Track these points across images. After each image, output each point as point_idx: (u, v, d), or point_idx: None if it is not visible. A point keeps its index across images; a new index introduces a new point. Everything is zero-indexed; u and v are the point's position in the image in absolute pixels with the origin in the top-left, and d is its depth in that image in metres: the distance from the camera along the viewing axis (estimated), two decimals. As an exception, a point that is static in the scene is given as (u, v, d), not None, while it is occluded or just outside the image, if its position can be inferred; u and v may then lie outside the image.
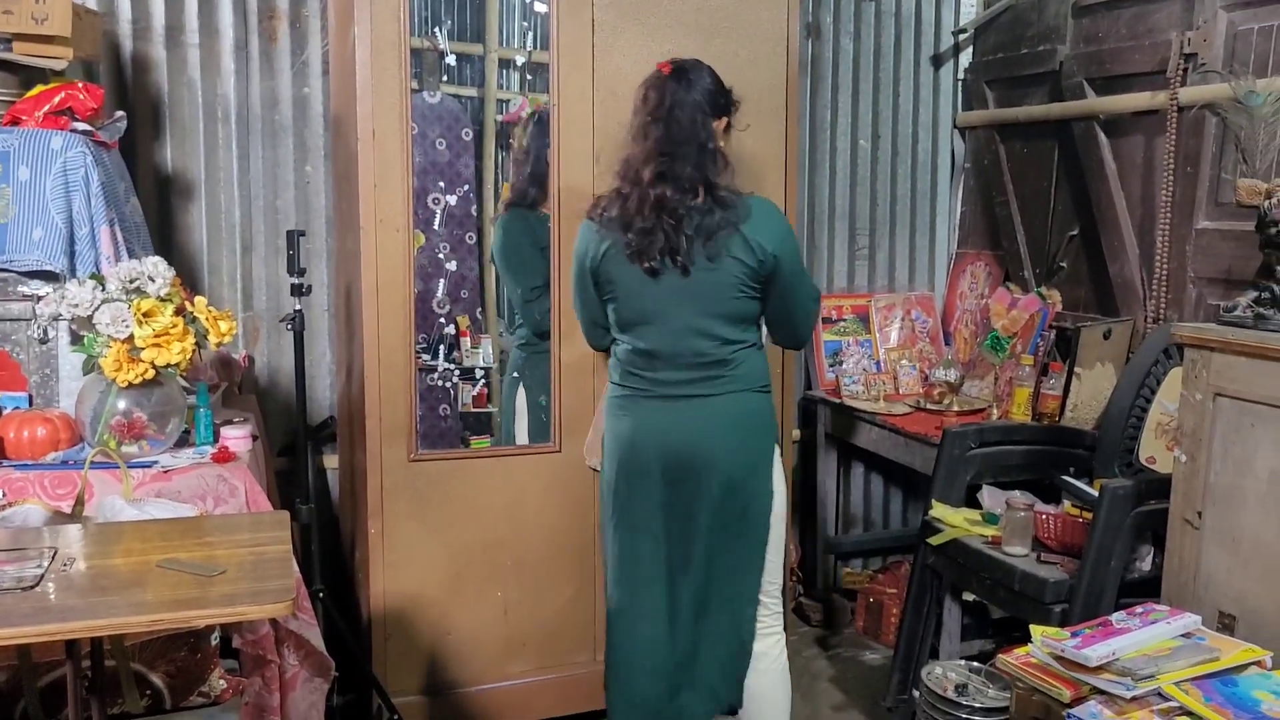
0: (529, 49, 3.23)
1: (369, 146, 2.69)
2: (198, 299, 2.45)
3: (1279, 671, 1.98)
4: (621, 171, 2.39)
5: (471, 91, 3.20)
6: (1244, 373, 2.22)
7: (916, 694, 2.80)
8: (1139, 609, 2.20)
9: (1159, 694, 1.92)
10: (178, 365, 2.35)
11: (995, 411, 3.43)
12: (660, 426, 2.42)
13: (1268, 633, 2.15)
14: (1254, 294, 2.36)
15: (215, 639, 2.22)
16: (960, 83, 4.15)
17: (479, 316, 3.22)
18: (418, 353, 3.02)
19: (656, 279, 2.34)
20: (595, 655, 3.10)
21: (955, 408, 3.49)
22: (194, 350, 2.39)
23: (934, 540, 2.94)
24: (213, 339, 2.42)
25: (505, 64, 3.24)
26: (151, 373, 2.32)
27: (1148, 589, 2.53)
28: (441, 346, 3.13)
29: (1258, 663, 2.01)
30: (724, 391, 2.40)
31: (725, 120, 2.42)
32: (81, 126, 2.57)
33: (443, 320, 3.15)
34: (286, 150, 3.31)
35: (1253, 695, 1.88)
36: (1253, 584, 2.21)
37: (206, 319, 2.41)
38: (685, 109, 2.32)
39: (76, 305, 2.29)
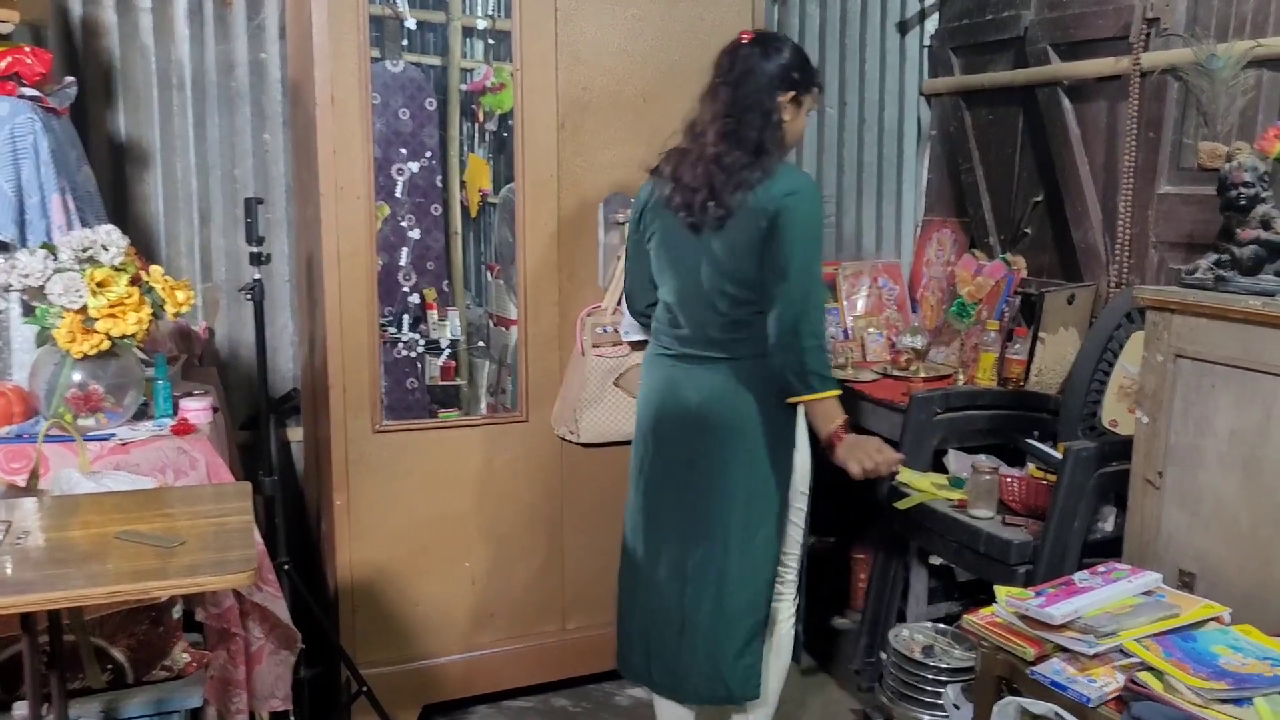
0: (492, 15, 3.18)
1: (328, 112, 2.65)
2: (153, 268, 2.40)
3: (1237, 626, 2.01)
4: (686, 130, 2.41)
5: (435, 60, 3.15)
6: (1204, 334, 2.23)
7: (884, 656, 2.82)
8: (1101, 568, 2.22)
9: (1120, 650, 1.95)
10: (134, 336, 2.31)
11: (961, 377, 3.44)
12: (675, 389, 2.44)
13: (1226, 589, 2.17)
14: (1214, 257, 2.38)
15: (178, 612, 2.19)
16: (926, 49, 4.14)
17: (446, 289, 3.18)
18: (383, 325, 2.98)
19: (693, 233, 2.36)
20: (564, 624, 3.11)
21: (922, 374, 3.50)
22: (150, 321, 2.35)
23: (901, 505, 2.95)
24: (170, 309, 2.38)
25: (469, 32, 3.20)
26: (107, 344, 2.28)
27: (1110, 549, 2.55)
28: (406, 317, 3.10)
29: (1216, 618, 2.04)
30: (733, 356, 2.38)
31: (793, 94, 2.36)
32: (29, 92, 2.51)
33: (408, 292, 3.11)
34: (244, 117, 3.25)
35: (1211, 650, 1.90)
36: (1212, 542, 2.23)
37: (163, 289, 2.37)
38: (756, 76, 2.32)
39: (28, 275, 2.24)
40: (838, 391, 2.35)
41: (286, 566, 2.65)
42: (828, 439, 2.36)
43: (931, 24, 4.11)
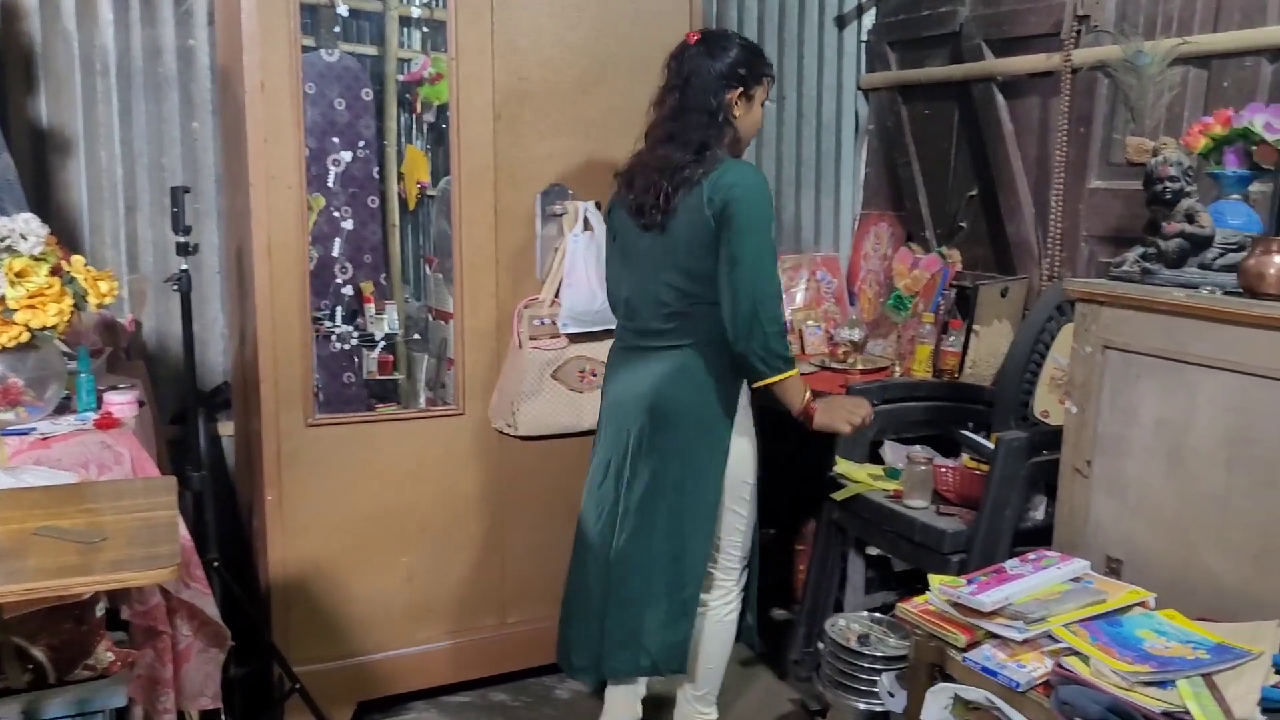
0: (428, 4, 3.14)
1: (257, 99, 2.60)
2: (75, 258, 2.33)
3: (1161, 611, 2.05)
4: (643, 136, 2.51)
5: (372, 50, 3.10)
6: (1130, 325, 2.27)
7: (821, 646, 2.84)
8: (1032, 556, 2.26)
9: (1049, 636, 1.98)
10: (55, 328, 2.24)
11: (898, 369, 3.48)
12: (624, 376, 2.55)
13: (1151, 575, 2.22)
14: (1141, 250, 2.42)
15: (101, 610, 2.13)
16: (864, 44, 4.17)
17: (383, 282, 3.14)
18: (318, 318, 2.94)
19: (645, 232, 2.45)
20: (503, 619, 3.09)
21: (859, 366, 3.53)
22: (72, 312, 2.28)
23: (838, 496, 2.97)
24: (92, 300, 2.32)
25: (406, 21, 3.15)
26: (26, 335, 2.21)
27: (1041, 537, 2.59)
28: (339, 309, 3.05)
29: (1142, 603, 2.08)
30: (674, 344, 2.46)
31: (739, 90, 2.42)
32: (-55, 77, 2.43)
33: (340, 284, 3.06)
34: (171, 104, 3.18)
35: (1136, 634, 1.94)
36: (1138, 529, 2.28)
37: (85, 279, 2.31)
38: (700, 77, 2.39)
39: (-58, 265, 2.17)
40: (797, 370, 2.43)
41: (216, 563, 2.60)
42: (802, 412, 2.46)
43: (869, 19, 4.14)
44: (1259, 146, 2.37)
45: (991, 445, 2.78)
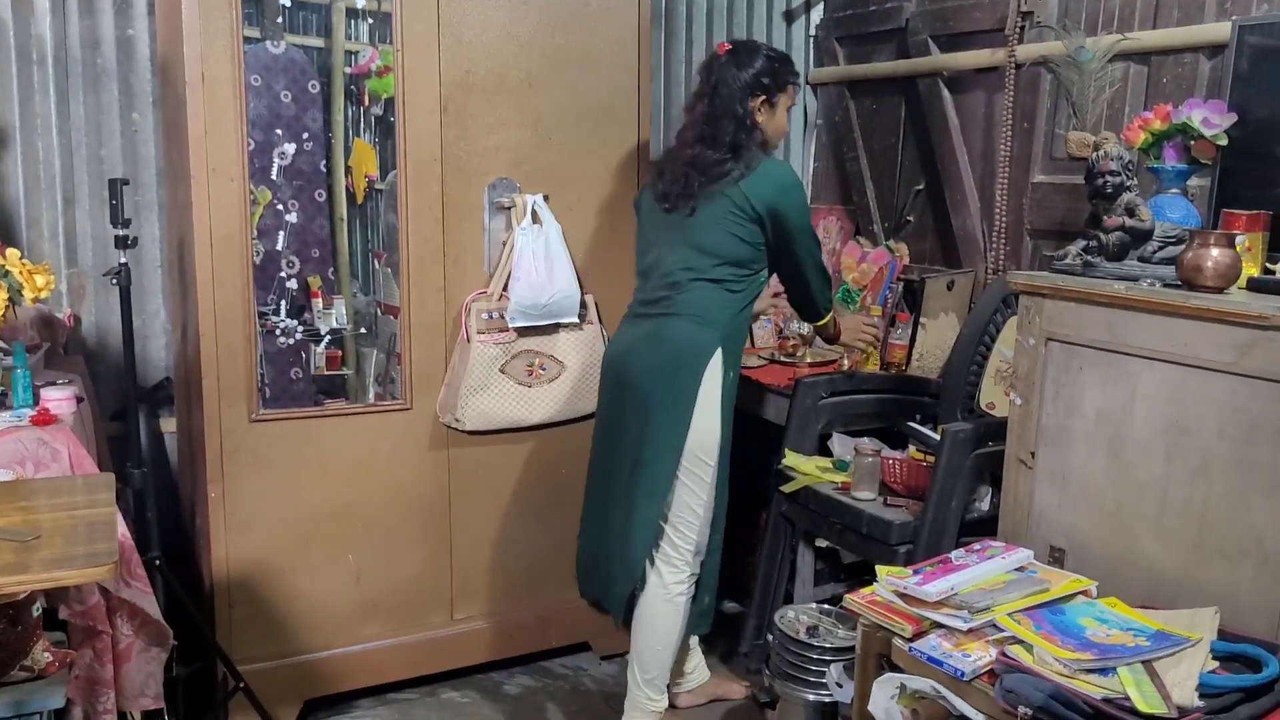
0: (374, -4, 3.11)
1: (198, 90, 2.55)
2: (10, 251, 2.29)
3: (1103, 599, 2.08)
4: (676, 136, 2.77)
5: (318, 42, 3.06)
6: (1073, 318, 2.30)
7: (770, 638, 2.85)
8: (977, 546, 2.28)
9: (994, 625, 1.99)
10: (-12, 322, 2.20)
11: (846, 362, 3.50)
12: (624, 341, 2.73)
13: (1093, 564, 2.25)
14: (1083, 243, 2.45)
15: (38, 610, 2.09)
16: (811, 39, 4.19)
17: (331, 277, 3.10)
18: (264, 314, 2.89)
19: (669, 214, 2.68)
20: (452, 615, 3.07)
21: (808, 359, 3.54)
22: (7, 307, 2.24)
23: (786, 488, 2.99)
24: (28, 294, 2.27)
25: (353, 13, 3.11)
26: (-42, 330, 2.16)
27: (986, 528, 2.62)
28: (284, 302, 3.00)
29: (1084, 592, 2.11)
30: (667, 313, 2.64)
31: (763, 98, 2.65)
32: (-127, 64, 2.37)
33: (286, 278, 3.02)
34: (110, 96, 3.11)
35: (1079, 622, 1.97)
36: (1080, 519, 2.31)
37: (21, 273, 2.26)
38: (727, 85, 2.63)
39: None
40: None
41: (158, 561, 2.56)
42: (832, 336, 3.01)
43: (817, 14, 4.16)
44: (1197, 141, 2.42)
45: (938, 437, 2.80)
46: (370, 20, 3.11)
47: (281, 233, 2.96)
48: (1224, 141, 2.39)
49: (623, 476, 2.65)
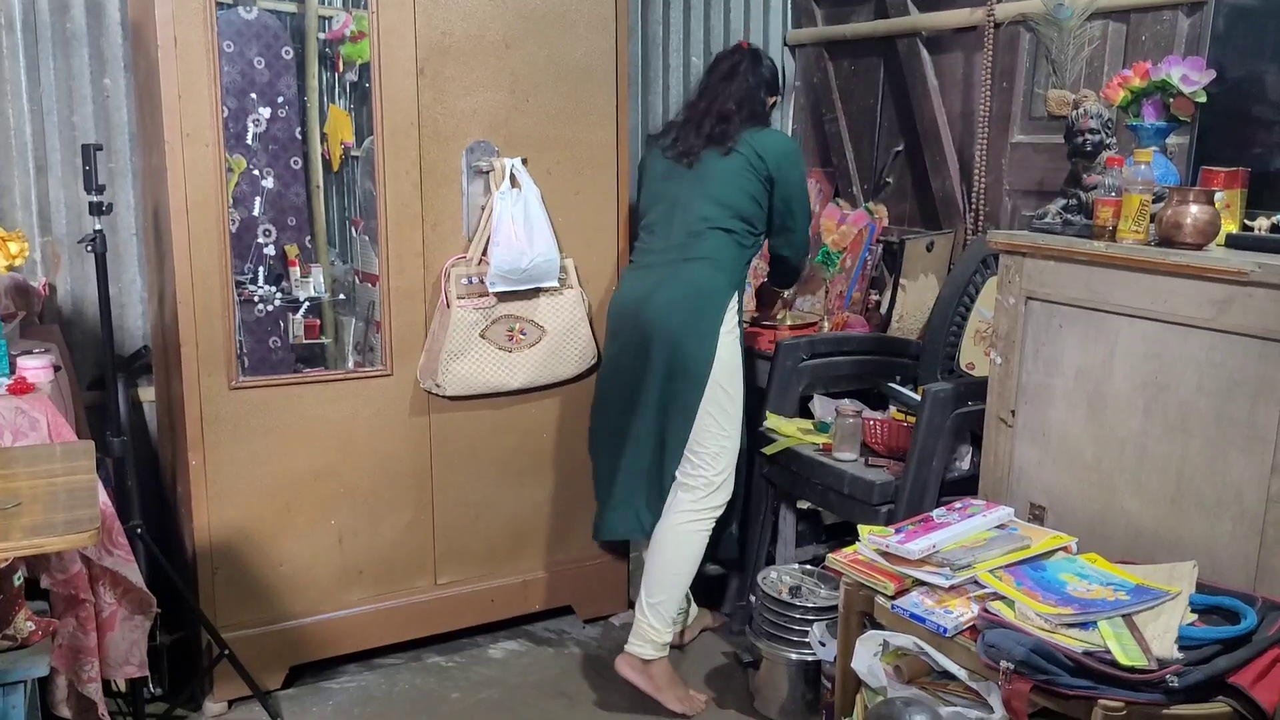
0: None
1: (170, 54, 2.51)
2: (-19, 218, 2.25)
3: (1083, 555, 2.10)
4: (686, 109, 3.01)
5: (291, 7, 3.01)
6: (1052, 276, 2.31)
7: (753, 599, 2.87)
8: (958, 504, 2.30)
9: (975, 582, 2.02)
10: (-38, 290, 2.17)
11: (826, 324, 3.50)
12: (637, 290, 2.86)
13: (1073, 520, 2.28)
14: (1062, 202, 2.46)
15: (19, 578, 2.08)
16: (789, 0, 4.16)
17: (308, 245, 3.07)
18: (242, 283, 2.87)
19: (676, 167, 2.89)
20: (435, 579, 3.07)
21: (789, 322, 3.55)
22: (-20, 274, 2.21)
23: (768, 450, 3.00)
24: (1, 262, 2.24)
25: (326, -23, 3.06)
26: (-69, 299, 2.13)
27: (967, 486, 2.64)
28: (261, 270, 2.97)
29: (1064, 548, 2.14)
30: (686, 258, 2.81)
31: (773, 99, 3.02)
32: None
33: (263, 245, 2.99)
34: (81, 61, 3.06)
35: (1059, 578, 1.99)
36: (1060, 476, 2.33)
37: (-7, 240, 2.23)
38: (747, 74, 2.93)
39: None
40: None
41: (140, 530, 2.55)
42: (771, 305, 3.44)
43: (795, -26, 4.13)
44: (1176, 99, 2.42)
45: (918, 397, 2.82)
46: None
47: (258, 199, 2.92)
48: (1203, 99, 2.39)
49: (648, 410, 2.79)
